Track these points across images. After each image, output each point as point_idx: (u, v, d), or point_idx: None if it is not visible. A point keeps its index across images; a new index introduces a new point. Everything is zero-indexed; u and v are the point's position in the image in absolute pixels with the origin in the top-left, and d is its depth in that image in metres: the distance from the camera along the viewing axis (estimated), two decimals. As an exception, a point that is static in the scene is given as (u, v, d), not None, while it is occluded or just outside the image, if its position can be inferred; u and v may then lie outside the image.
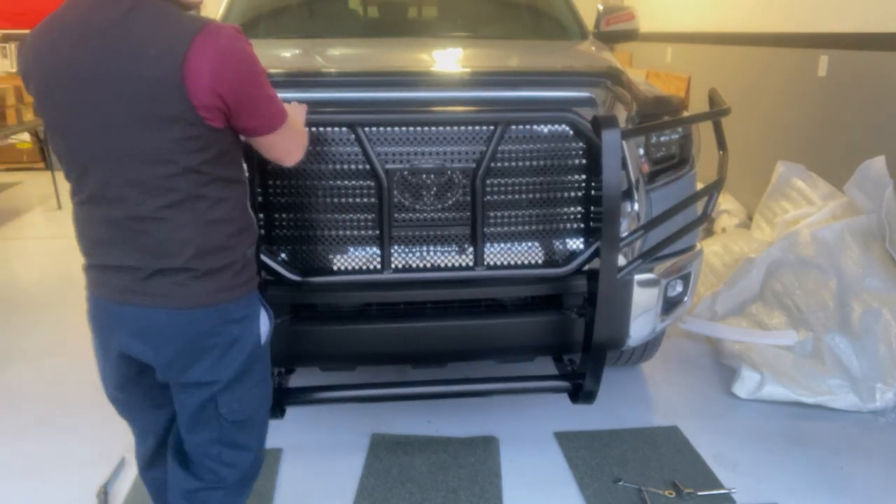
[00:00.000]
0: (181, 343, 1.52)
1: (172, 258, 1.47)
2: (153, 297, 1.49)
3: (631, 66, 7.48)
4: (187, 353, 1.53)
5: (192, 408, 1.59)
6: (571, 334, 2.32)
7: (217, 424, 1.61)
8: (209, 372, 1.55)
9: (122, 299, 1.51)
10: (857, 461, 2.56)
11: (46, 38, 1.41)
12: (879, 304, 3.00)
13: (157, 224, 1.45)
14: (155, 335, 1.51)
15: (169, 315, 1.49)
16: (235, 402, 1.61)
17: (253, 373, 1.62)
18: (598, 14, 3.61)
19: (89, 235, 1.53)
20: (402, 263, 2.20)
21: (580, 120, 2.07)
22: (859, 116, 3.95)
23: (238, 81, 1.39)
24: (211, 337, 1.53)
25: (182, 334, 1.51)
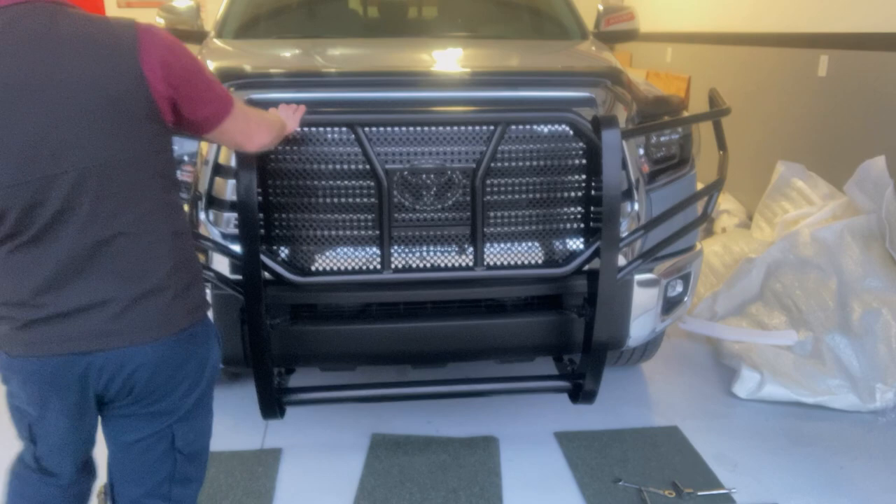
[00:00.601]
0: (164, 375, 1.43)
1: (151, 277, 1.37)
2: (133, 333, 1.37)
3: (631, 66, 7.48)
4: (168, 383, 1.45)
5: (145, 445, 1.51)
6: (571, 334, 2.33)
7: (171, 461, 1.54)
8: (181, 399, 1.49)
9: (89, 347, 1.35)
10: (857, 461, 2.56)
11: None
12: (879, 304, 3.00)
13: (132, 241, 1.34)
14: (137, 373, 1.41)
15: (153, 350, 1.40)
16: (191, 432, 1.55)
17: (206, 400, 1.58)
18: (598, 14, 3.61)
19: (31, 282, 1.32)
20: (402, 263, 2.20)
21: (580, 120, 2.07)
22: (859, 116, 3.95)
23: (185, 70, 1.35)
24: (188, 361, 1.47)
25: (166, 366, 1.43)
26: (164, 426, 1.50)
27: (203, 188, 2.16)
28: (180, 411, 1.51)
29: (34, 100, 1.23)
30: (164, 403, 1.48)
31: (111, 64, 1.26)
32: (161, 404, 1.48)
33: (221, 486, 2.37)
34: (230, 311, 2.20)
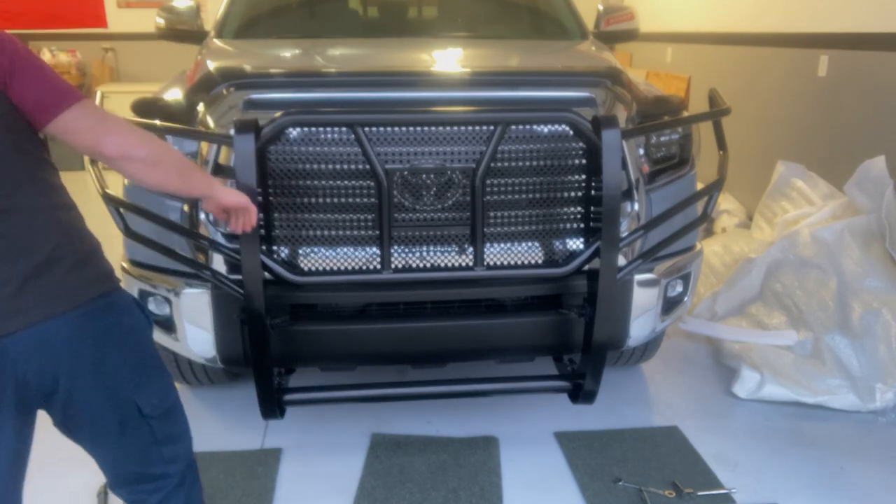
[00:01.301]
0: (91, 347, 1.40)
1: (39, 252, 1.33)
2: (36, 309, 1.33)
3: (631, 66, 7.48)
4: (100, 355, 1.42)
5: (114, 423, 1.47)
6: (571, 334, 2.33)
7: (147, 428, 1.51)
8: (125, 369, 1.46)
9: None
10: (857, 461, 2.56)
11: None
12: (879, 304, 3.00)
13: (6, 218, 1.31)
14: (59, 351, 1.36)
15: (65, 323, 1.36)
16: (153, 396, 1.52)
17: (152, 361, 1.55)
18: (598, 14, 3.61)
19: None
20: (402, 263, 2.20)
21: (580, 120, 2.07)
22: (859, 116, 3.95)
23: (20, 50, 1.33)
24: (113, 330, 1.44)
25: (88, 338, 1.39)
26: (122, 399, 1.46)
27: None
28: (131, 381, 1.47)
29: None
30: (108, 377, 1.43)
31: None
32: (105, 379, 1.43)
33: (221, 486, 2.37)
34: (230, 311, 2.20)
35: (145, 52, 7.72)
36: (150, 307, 2.38)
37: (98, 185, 2.17)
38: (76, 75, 7.90)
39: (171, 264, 2.24)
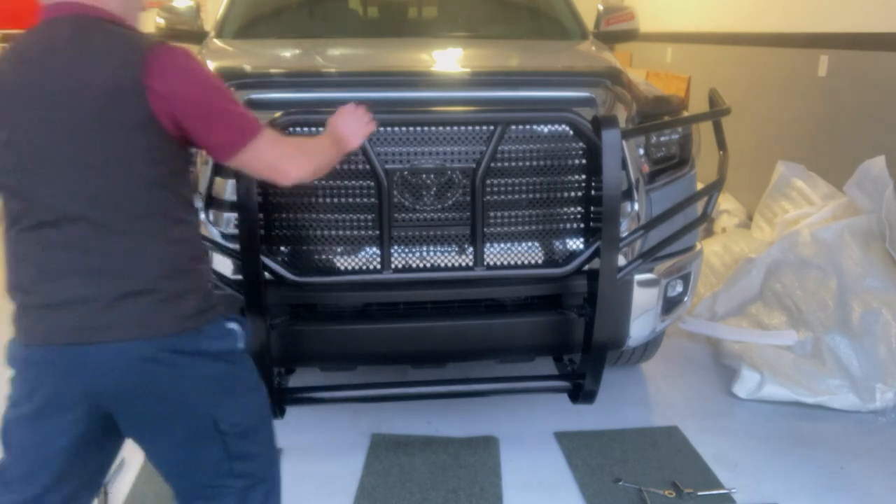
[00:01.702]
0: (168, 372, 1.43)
1: (135, 279, 1.39)
2: (120, 329, 1.38)
3: (631, 66, 7.48)
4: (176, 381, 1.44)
5: (188, 436, 1.49)
6: (571, 334, 2.32)
7: (221, 443, 1.52)
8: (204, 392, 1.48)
9: (82, 339, 1.37)
10: (857, 461, 2.56)
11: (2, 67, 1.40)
12: (879, 304, 3.00)
13: (118, 239, 1.38)
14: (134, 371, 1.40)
15: (140, 347, 1.39)
16: (234, 415, 1.52)
17: (240, 381, 1.56)
18: (598, 14, 3.61)
19: (32, 268, 1.40)
20: (402, 263, 2.20)
21: (580, 120, 2.07)
22: (859, 116, 3.95)
23: (194, 94, 1.39)
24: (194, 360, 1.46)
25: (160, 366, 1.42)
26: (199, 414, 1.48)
27: (203, 188, 2.16)
28: (211, 399, 1.49)
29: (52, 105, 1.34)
30: (177, 404, 1.46)
31: (115, 79, 1.34)
32: (173, 406, 1.46)
33: (221, 486, 2.37)
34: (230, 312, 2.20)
35: (145, 52, 7.70)
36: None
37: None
38: (76, 75, 7.90)
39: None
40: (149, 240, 1.41)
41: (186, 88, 1.38)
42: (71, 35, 1.38)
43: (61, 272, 1.38)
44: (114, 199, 1.38)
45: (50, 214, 1.37)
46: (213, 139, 1.43)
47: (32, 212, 1.38)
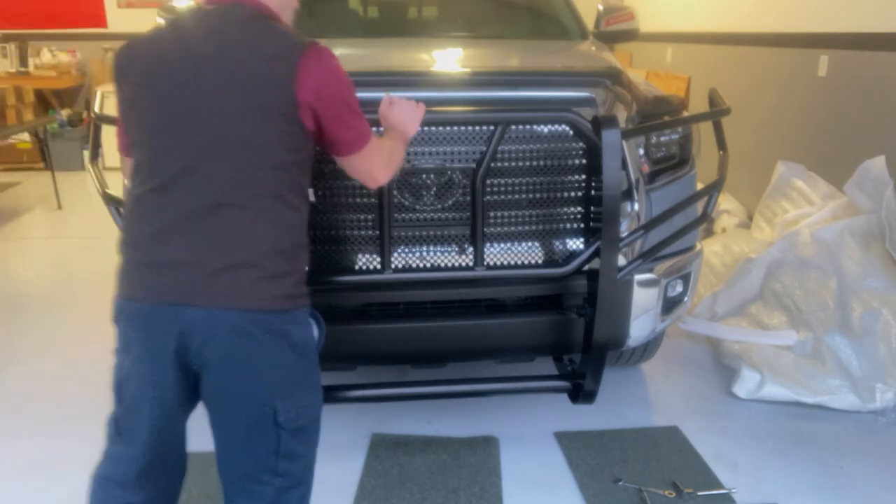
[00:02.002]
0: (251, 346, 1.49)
1: (244, 252, 1.48)
2: (219, 296, 1.46)
3: (631, 66, 7.48)
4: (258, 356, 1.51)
5: (248, 422, 1.54)
6: (571, 334, 2.32)
7: (275, 437, 1.56)
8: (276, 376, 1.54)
9: (182, 300, 1.46)
10: (857, 461, 2.56)
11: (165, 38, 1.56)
12: (879, 304, 3.00)
13: (237, 213, 1.47)
14: (224, 338, 1.47)
15: (237, 316, 1.47)
16: (293, 409, 1.57)
17: (308, 379, 1.62)
18: (598, 14, 3.61)
19: (148, 227, 1.49)
20: (402, 263, 2.20)
21: (580, 120, 2.07)
22: (859, 116, 3.95)
23: (336, 92, 1.54)
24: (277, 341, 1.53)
25: (252, 338, 1.49)
26: (263, 400, 1.53)
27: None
28: (278, 387, 1.54)
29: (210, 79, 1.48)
30: (256, 379, 1.52)
31: (272, 68, 1.48)
32: (252, 379, 1.52)
33: (221, 486, 2.37)
34: None
35: (145, 52, 7.70)
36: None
37: (98, 185, 2.17)
38: (76, 75, 7.91)
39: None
40: (263, 219, 1.50)
41: (331, 87, 1.52)
42: (237, 22, 1.53)
43: (176, 235, 1.47)
44: (244, 177, 1.48)
45: (178, 180, 1.47)
46: (338, 135, 1.57)
47: (162, 175, 1.48)
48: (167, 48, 1.53)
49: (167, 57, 1.51)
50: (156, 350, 1.50)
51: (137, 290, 1.50)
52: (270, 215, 1.50)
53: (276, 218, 1.51)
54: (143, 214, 1.51)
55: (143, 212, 1.51)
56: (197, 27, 1.54)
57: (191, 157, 1.47)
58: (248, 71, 1.47)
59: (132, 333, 1.53)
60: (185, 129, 1.48)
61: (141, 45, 1.56)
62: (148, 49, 1.54)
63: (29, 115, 6.83)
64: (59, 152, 6.93)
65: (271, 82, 1.47)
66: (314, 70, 1.49)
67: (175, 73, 1.49)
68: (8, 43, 7.78)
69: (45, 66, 7.71)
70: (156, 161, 1.50)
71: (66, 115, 7.65)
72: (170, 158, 1.48)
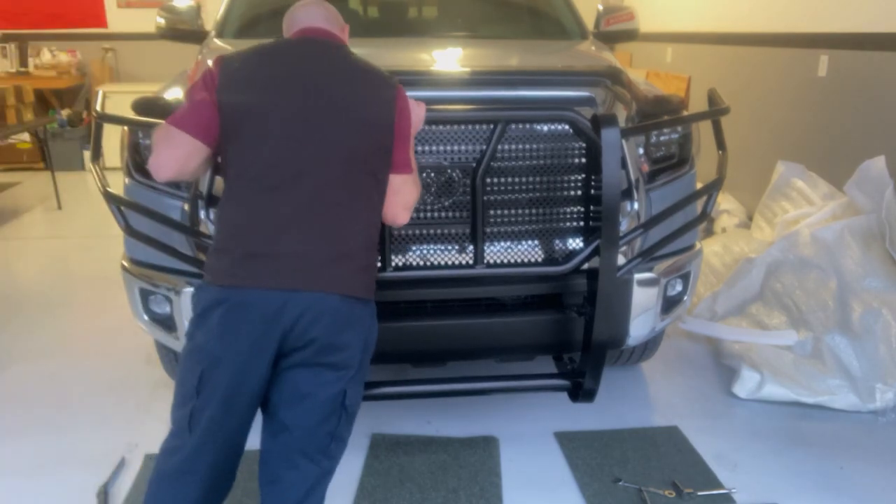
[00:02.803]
0: (343, 328, 1.67)
1: (346, 244, 1.68)
2: (328, 282, 1.64)
3: (631, 66, 7.48)
4: (345, 337, 1.68)
5: (326, 398, 1.67)
6: (571, 333, 2.33)
7: (337, 418, 1.71)
8: (356, 356, 1.70)
9: (296, 286, 1.62)
10: (857, 461, 2.56)
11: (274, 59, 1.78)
12: (879, 304, 3.00)
13: (342, 211, 1.68)
14: (327, 318, 1.64)
15: (339, 301, 1.65)
16: (355, 393, 1.74)
17: (367, 368, 1.80)
18: (598, 14, 3.61)
19: (264, 221, 1.64)
20: (402, 262, 2.20)
21: (580, 119, 2.07)
22: (859, 116, 3.95)
23: (410, 122, 1.81)
24: (361, 325, 1.72)
25: (345, 320, 1.67)
26: (342, 380, 1.69)
27: (204, 187, 2.16)
28: (353, 369, 1.71)
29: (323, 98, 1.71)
30: (342, 356, 1.68)
31: (381, 96, 1.76)
32: (339, 356, 1.67)
33: (221, 485, 2.37)
34: None
35: (145, 52, 7.71)
36: (151, 306, 2.38)
37: (99, 184, 2.17)
38: (76, 75, 7.91)
39: (173, 263, 2.24)
40: (361, 218, 1.72)
41: (409, 117, 1.81)
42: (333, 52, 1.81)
43: (290, 229, 1.64)
44: (348, 181, 1.69)
45: (293, 182, 1.65)
46: (400, 156, 1.79)
47: (277, 176, 1.66)
48: (280, 69, 1.74)
49: (281, 75, 1.73)
50: (263, 331, 1.61)
51: (247, 278, 1.62)
52: (366, 215, 1.73)
53: (369, 217, 1.75)
54: (254, 211, 1.66)
55: (254, 208, 1.66)
56: (302, 53, 1.80)
57: (305, 163, 1.66)
58: (355, 96, 1.73)
59: (233, 319, 1.62)
60: (301, 139, 1.67)
61: (250, 58, 1.76)
62: (260, 64, 1.75)
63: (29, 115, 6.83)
64: (59, 152, 6.93)
65: (375, 109, 1.73)
66: (403, 103, 1.79)
67: (293, 92, 1.70)
68: (8, 43, 7.78)
69: (45, 66, 7.70)
70: (271, 164, 1.66)
71: (66, 115, 7.65)
72: (286, 163, 1.66)
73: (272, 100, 1.70)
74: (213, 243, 1.74)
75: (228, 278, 1.64)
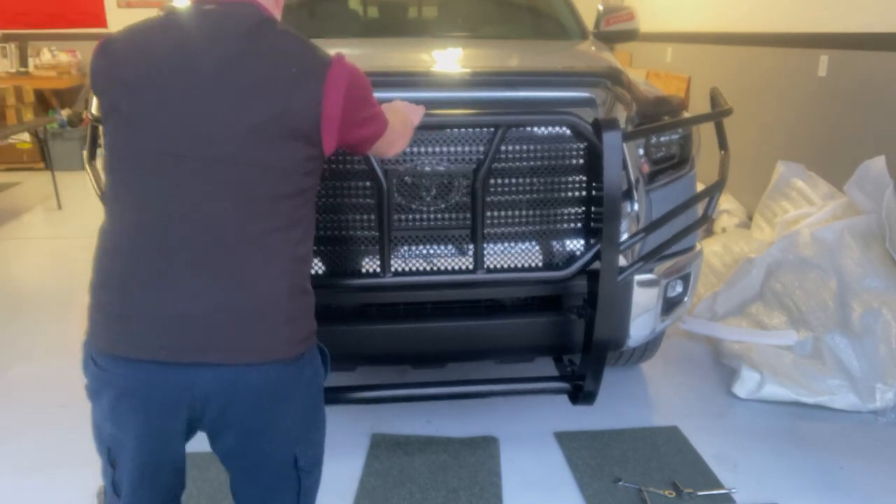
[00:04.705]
0: (274, 401, 1.34)
1: (263, 293, 1.28)
2: (239, 350, 1.27)
3: (631, 66, 7.48)
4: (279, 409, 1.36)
5: (272, 471, 1.44)
6: (571, 335, 2.32)
7: (296, 478, 1.47)
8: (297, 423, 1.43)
9: (194, 358, 1.25)
10: (857, 461, 2.56)
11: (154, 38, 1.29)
12: (879, 304, 3.00)
13: (252, 251, 1.27)
14: (245, 399, 1.31)
15: (261, 374, 1.30)
16: (310, 448, 1.49)
17: (320, 413, 1.51)
18: (598, 14, 3.61)
19: (144, 270, 1.25)
20: (402, 265, 2.20)
21: (581, 122, 2.07)
22: (859, 116, 3.95)
23: (360, 99, 1.39)
24: (298, 386, 1.40)
25: (275, 392, 1.34)
26: (284, 451, 1.43)
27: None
28: (297, 434, 1.43)
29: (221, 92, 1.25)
30: (275, 435, 1.39)
31: (295, 84, 1.28)
32: (271, 436, 1.39)
33: (222, 486, 2.37)
34: None
35: (145, 52, 7.70)
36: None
37: (95, 185, 2.17)
38: (76, 75, 7.91)
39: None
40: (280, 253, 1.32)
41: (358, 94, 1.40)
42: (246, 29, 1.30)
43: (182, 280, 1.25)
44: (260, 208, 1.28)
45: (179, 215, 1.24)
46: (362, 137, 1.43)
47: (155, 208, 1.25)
48: (160, 53, 1.26)
49: (161, 65, 1.25)
50: (164, 422, 1.31)
51: (129, 347, 1.26)
52: (287, 251, 1.32)
53: (293, 253, 1.33)
54: (131, 255, 1.26)
55: (130, 252, 1.26)
56: (197, 31, 1.29)
57: (192, 188, 1.24)
58: (263, 90, 1.26)
59: (124, 409, 1.30)
60: (183, 153, 1.23)
61: (124, 43, 1.29)
62: (135, 51, 1.28)
63: (29, 115, 6.84)
64: (59, 152, 6.93)
65: (294, 103, 1.27)
66: (339, 87, 1.32)
67: (169, 87, 1.24)
68: (8, 43, 7.78)
69: (45, 66, 7.71)
70: (146, 192, 1.25)
71: (66, 115, 7.65)
72: (164, 190, 1.24)
73: (147, 100, 1.24)
74: (90, 286, 1.32)
75: (108, 343, 1.28)
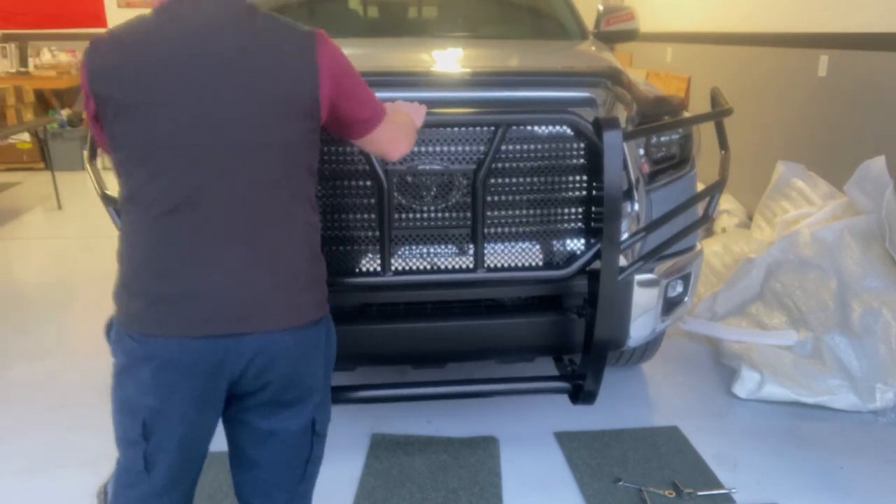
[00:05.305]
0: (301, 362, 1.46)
1: (287, 263, 1.40)
2: (273, 317, 1.38)
3: (631, 66, 7.48)
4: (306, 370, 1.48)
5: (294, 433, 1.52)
6: (572, 335, 2.32)
7: (309, 445, 1.57)
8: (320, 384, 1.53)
9: (232, 329, 1.35)
10: (857, 461, 2.56)
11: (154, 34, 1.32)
12: (879, 304, 3.00)
13: (274, 223, 1.38)
14: (282, 359, 1.41)
15: (293, 336, 1.41)
16: (324, 414, 1.58)
17: (330, 381, 1.61)
18: (598, 14, 3.61)
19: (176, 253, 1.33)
20: (402, 265, 2.20)
21: (582, 122, 2.07)
22: (859, 116, 3.95)
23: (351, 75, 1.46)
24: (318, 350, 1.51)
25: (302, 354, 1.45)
26: (308, 410, 1.52)
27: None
28: (319, 392, 1.53)
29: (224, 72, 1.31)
30: (305, 388, 1.49)
31: (292, 61, 1.36)
32: (301, 389, 1.49)
33: (222, 485, 2.37)
34: None
35: (145, 51, 7.71)
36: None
37: (96, 185, 2.17)
38: (76, 75, 7.91)
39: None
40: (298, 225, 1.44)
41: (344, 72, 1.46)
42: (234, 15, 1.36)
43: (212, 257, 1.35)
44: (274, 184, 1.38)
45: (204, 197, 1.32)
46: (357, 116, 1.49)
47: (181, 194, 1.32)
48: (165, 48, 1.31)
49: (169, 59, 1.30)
50: (206, 387, 1.39)
51: (172, 326, 1.34)
52: (303, 219, 1.43)
53: (307, 221, 1.45)
54: (161, 241, 1.33)
55: (160, 238, 1.33)
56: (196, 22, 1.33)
57: (215, 170, 1.31)
58: (267, 70, 1.33)
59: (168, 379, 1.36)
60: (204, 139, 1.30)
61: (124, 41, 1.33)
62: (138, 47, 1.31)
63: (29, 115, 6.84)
64: (59, 152, 6.93)
65: (293, 81, 1.35)
66: (328, 59, 1.39)
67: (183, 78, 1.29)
68: (8, 43, 7.78)
69: (45, 66, 7.71)
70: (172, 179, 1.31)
71: (66, 115, 7.65)
72: (189, 174, 1.31)
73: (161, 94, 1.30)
74: (120, 277, 1.41)
75: (150, 326, 1.35)
